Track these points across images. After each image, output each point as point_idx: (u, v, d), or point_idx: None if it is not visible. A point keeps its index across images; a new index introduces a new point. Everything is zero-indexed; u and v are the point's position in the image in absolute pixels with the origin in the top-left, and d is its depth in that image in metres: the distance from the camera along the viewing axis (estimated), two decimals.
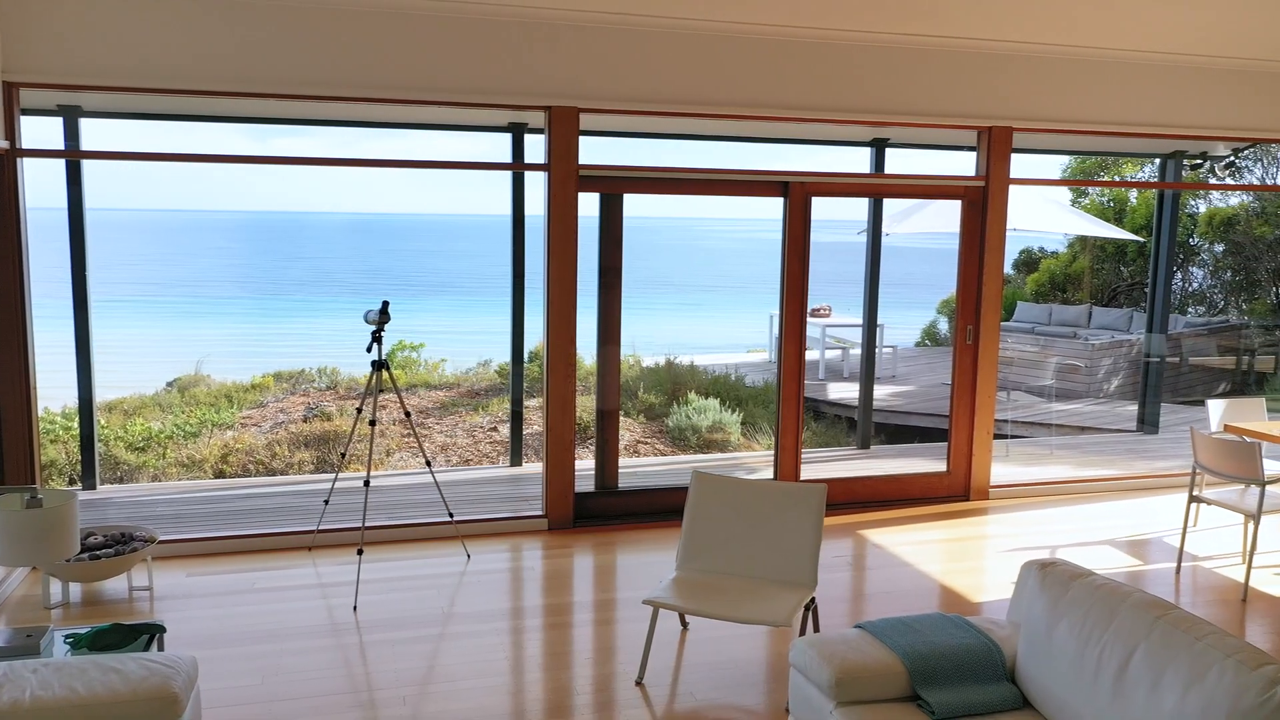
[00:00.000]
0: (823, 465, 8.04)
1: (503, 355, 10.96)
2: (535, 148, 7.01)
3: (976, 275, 6.95)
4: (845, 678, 3.12)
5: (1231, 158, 9.96)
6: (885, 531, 6.39)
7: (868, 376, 8.85)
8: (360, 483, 6.58)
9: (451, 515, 5.98)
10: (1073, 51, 6.68)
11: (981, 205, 6.88)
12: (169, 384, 12.33)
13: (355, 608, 5.00)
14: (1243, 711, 2.47)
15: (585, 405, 9.04)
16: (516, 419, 8.00)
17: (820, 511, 4.35)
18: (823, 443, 10.23)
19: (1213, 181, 11.43)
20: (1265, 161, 14.07)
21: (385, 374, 5.54)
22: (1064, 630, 3.01)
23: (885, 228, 8.76)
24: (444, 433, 9.97)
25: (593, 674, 4.34)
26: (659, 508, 6.62)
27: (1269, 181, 14.25)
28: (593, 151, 6.12)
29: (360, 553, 5.40)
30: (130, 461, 8.96)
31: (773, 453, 6.96)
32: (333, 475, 6.07)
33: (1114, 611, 2.92)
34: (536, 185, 6.38)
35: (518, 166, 7.16)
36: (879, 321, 8.95)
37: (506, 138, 7.32)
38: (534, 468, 7.78)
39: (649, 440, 9.84)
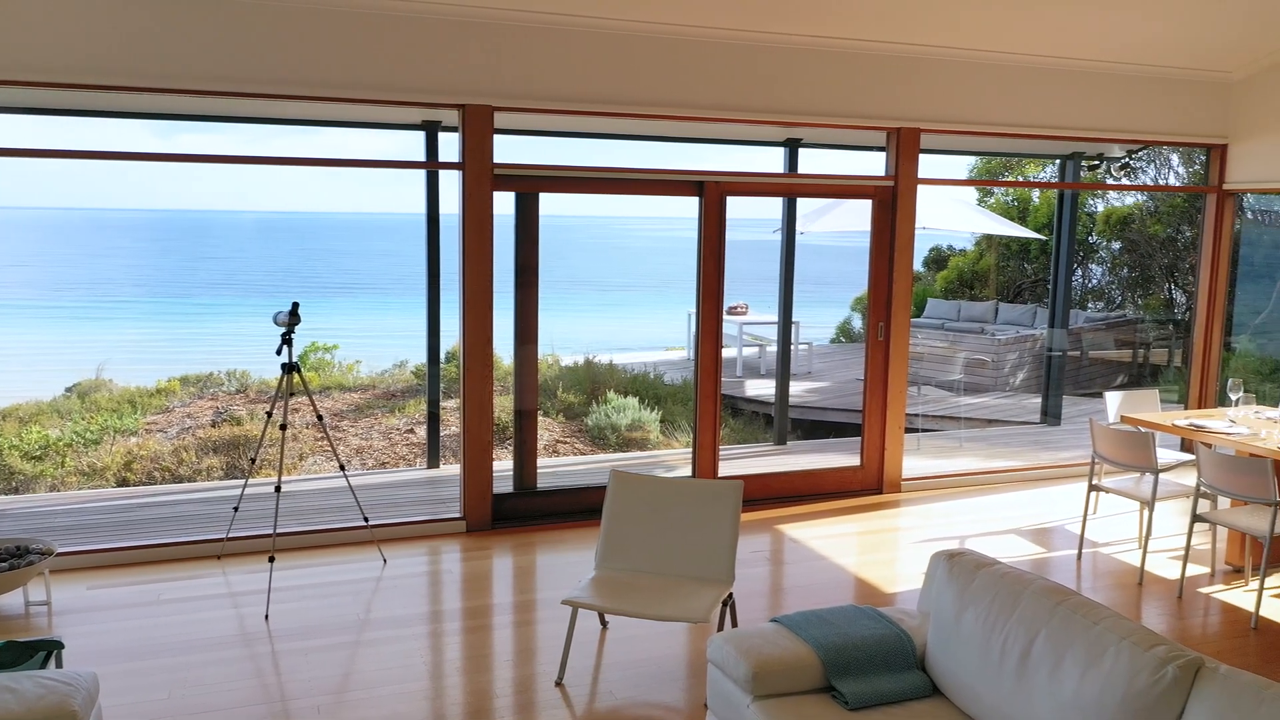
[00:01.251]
0: (740, 462, 8.13)
1: (419, 356, 10.82)
2: (450, 146, 6.94)
3: (887, 273, 7.11)
4: (762, 672, 3.17)
5: (1126, 159, 10.36)
6: (801, 526, 6.50)
7: (784, 373, 8.98)
8: (271, 488, 6.42)
9: (367, 519, 5.88)
10: (977, 56, 6.88)
11: (891, 204, 7.04)
12: (68, 389, 11.87)
13: (267, 616, 4.88)
14: (1137, 691, 2.58)
15: (503, 405, 8.98)
16: (433, 420, 7.91)
17: (737, 508, 4.40)
18: (741, 439, 10.34)
19: (1109, 181, 11.90)
20: (1158, 163, 14.70)
21: (296, 377, 5.42)
22: (970, 618, 3.11)
23: (799, 226, 8.90)
24: (359, 435, 9.80)
25: (513, 676, 4.32)
26: (578, 507, 6.61)
27: (1161, 182, 14.89)
28: (508, 150, 6.09)
29: (272, 560, 5.28)
30: (26, 471, 8.60)
31: (691, 450, 7.01)
32: (243, 481, 5.93)
33: (1017, 599, 3.02)
34: (451, 184, 6.31)
35: (432, 165, 7.08)
36: (794, 319, 9.09)
37: (420, 135, 7.22)
38: (451, 469, 7.70)
39: (568, 440, 9.83)
